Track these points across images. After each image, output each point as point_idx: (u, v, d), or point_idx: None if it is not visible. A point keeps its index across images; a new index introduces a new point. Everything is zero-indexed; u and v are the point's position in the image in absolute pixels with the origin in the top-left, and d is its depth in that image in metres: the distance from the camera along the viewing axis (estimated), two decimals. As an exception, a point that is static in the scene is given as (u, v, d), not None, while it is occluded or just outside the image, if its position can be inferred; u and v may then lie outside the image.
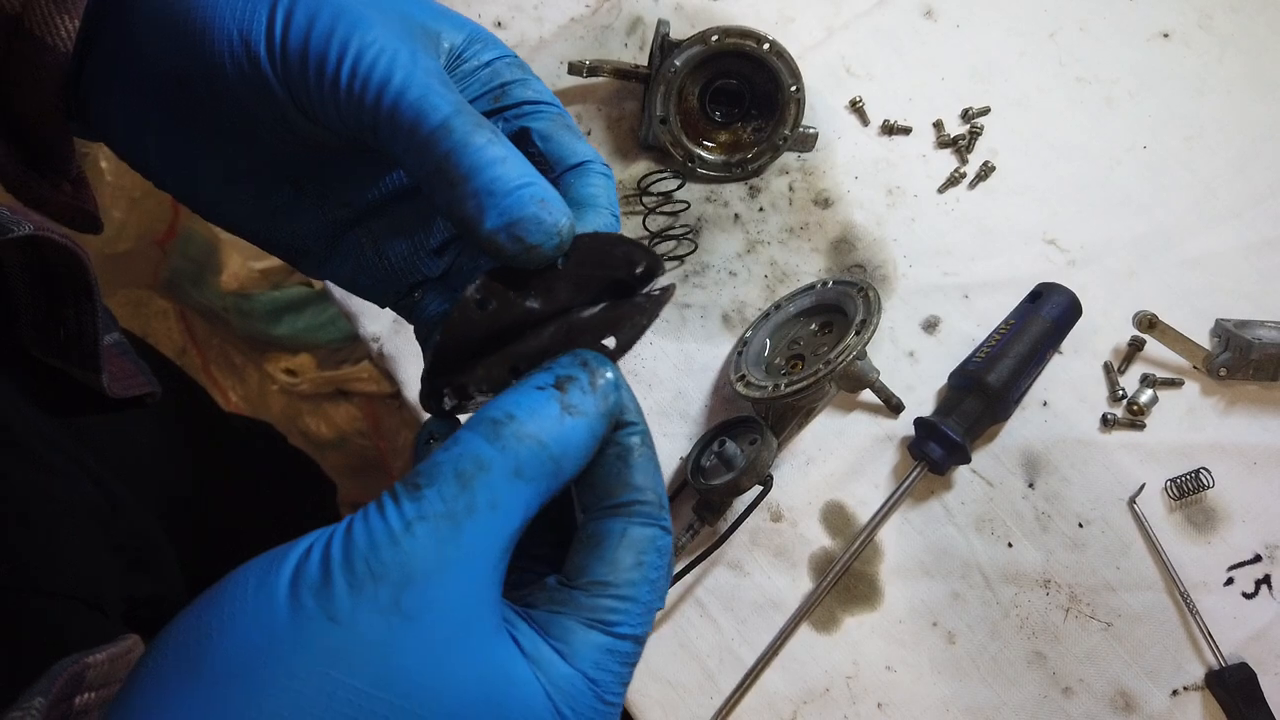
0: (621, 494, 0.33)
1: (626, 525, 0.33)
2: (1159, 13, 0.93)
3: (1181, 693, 0.75)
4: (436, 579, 0.28)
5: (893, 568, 0.77)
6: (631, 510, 0.33)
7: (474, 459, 0.29)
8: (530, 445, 0.30)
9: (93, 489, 0.69)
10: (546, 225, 0.34)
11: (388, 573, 0.27)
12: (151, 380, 0.67)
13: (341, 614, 0.27)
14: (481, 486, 0.29)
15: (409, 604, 0.27)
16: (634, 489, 0.34)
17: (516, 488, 0.30)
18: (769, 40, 0.81)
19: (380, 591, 0.27)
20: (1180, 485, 0.78)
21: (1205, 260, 0.86)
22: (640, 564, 0.33)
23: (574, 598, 0.32)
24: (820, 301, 0.80)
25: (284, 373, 1.62)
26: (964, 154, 0.89)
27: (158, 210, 1.58)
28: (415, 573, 0.28)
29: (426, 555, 0.28)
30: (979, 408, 0.77)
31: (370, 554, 0.28)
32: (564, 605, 0.32)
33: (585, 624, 0.31)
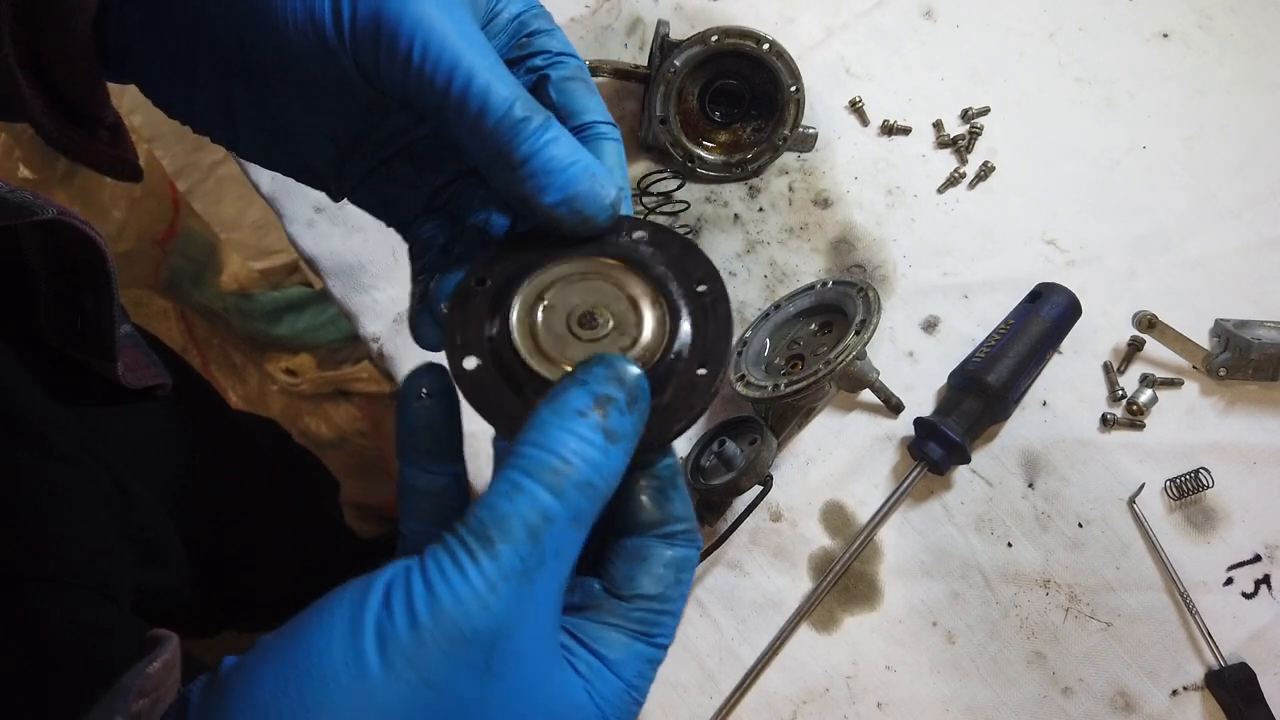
0: (665, 525, 0.36)
1: (670, 548, 0.36)
2: (1159, 13, 0.93)
3: (1181, 693, 0.75)
4: (517, 634, 0.30)
5: (892, 568, 0.77)
6: (675, 536, 0.36)
7: (541, 513, 0.30)
8: (587, 493, 0.31)
9: (106, 480, 0.70)
10: (600, 197, 0.37)
11: (479, 637, 0.29)
12: (163, 372, 0.68)
13: (438, 680, 0.28)
14: (549, 541, 0.30)
15: (497, 663, 0.29)
16: (676, 519, 0.37)
17: (575, 534, 0.31)
18: (769, 40, 0.81)
19: (473, 655, 0.29)
20: (1180, 485, 0.78)
21: (1205, 260, 0.86)
22: (679, 581, 0.36)
23: (621, 610, 0.35)
24: (820, 301, 0.81)
25: (284, 373, 1.62)
26: (964, 154, 0.89)
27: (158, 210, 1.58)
28: (500, 636, 0.29)
29: (510, 614, 0.29)
30: (979, 408, 0.77)
31: (460, 618, 0.29)
32: (612, 617, 0.35)
33: (631, 635, 0.35)
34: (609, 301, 0.38)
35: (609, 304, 0.38)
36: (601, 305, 0.37)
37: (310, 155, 0.43)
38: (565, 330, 0.37)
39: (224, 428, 1.05)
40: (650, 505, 0.36)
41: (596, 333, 0.37)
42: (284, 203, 0.86)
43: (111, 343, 0.60)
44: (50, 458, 0.65)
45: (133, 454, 0.76)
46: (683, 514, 0.37)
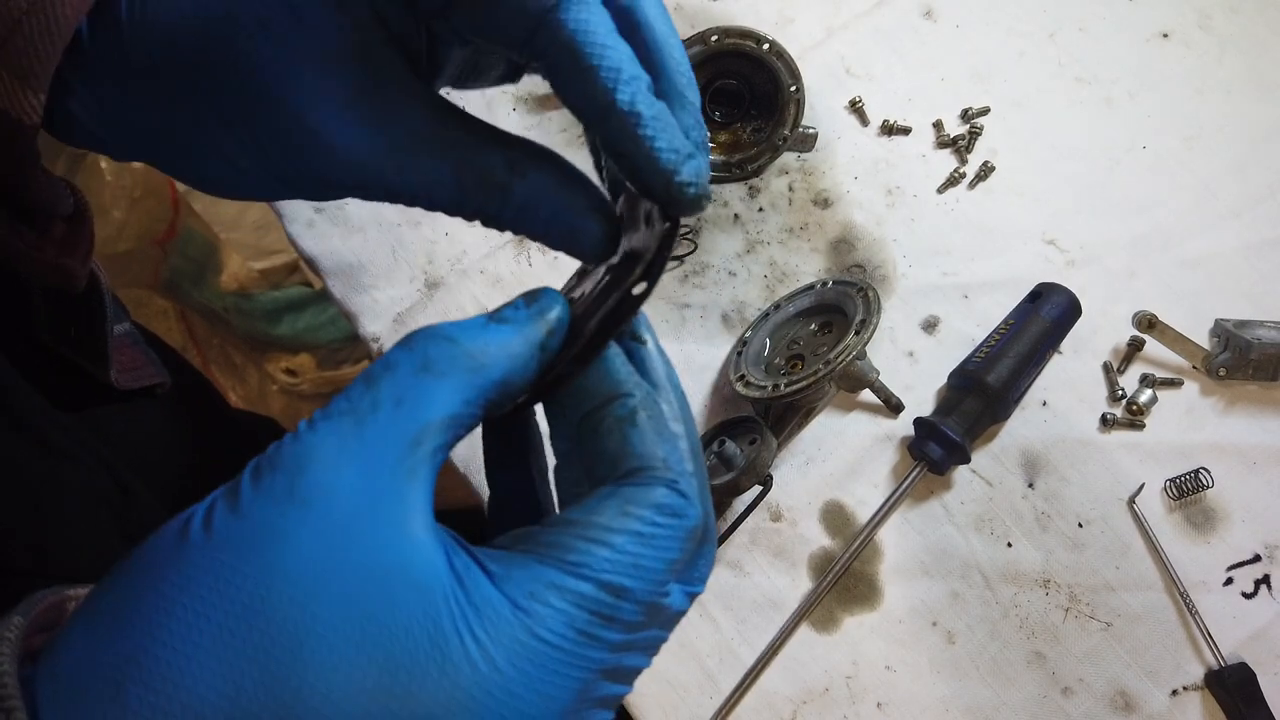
0: (622, 464, 0.32)
1: (620, 485, 0.31)
2: (1158, 13, 0.93)
3: (1181, 693, 0.75)
4: (334, 466, 0.28)
5: (892, 568, 0.77)
6: (634, 475, 0.31)
7: (381, 363, 0.30)
8: (440, 343, 0.30)
9: (106, 478, 0.70)
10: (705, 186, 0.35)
11: (284, 463, 0.28)
12: (161, 371, 0.68)
13: (243, 505, 0.27)
14: (386, 384, 0.29)
15: (303, 490, 0.27)
16: (635, 458, 0.31)
17: (424, 381, 0.29)
18: (768, 40, 0.81)
19: (275, 480, 0.27)
20: (1180, 485, 0.78)
21: (1205, 260, 0.86)
22: (626, 514, 0.30)
23: (535, 534, 0.30)
24: (820, 301, 0.81)
25: (284, 373, 1.62)
26: (964, 154, 0.89)
27: (158, 210, 1.58)
28: (312, 461, 0.28)
29: (326, 447, 0.28)
30: (978, 408, 0.77)
31: (274, 452, 0.28)
32: (522, 543, 0.30)
33: (537, 558, 0.29)
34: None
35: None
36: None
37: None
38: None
39: (224, 427, 1.05)
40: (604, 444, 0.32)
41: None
42: (284, 203, 0.86)
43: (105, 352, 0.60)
44: (50, 455, 0.65)
45: (133, 453, 0.76)
46: (646, 453, 0.32)
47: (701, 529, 0.32)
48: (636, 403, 0.33)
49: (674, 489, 0.31)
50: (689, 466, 0.32)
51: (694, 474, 0.32)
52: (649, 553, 0.30)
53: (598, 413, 0.33)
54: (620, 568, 0.29)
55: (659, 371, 0.35)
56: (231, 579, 0.26)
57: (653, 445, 0.32)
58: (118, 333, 0.64)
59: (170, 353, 0.96)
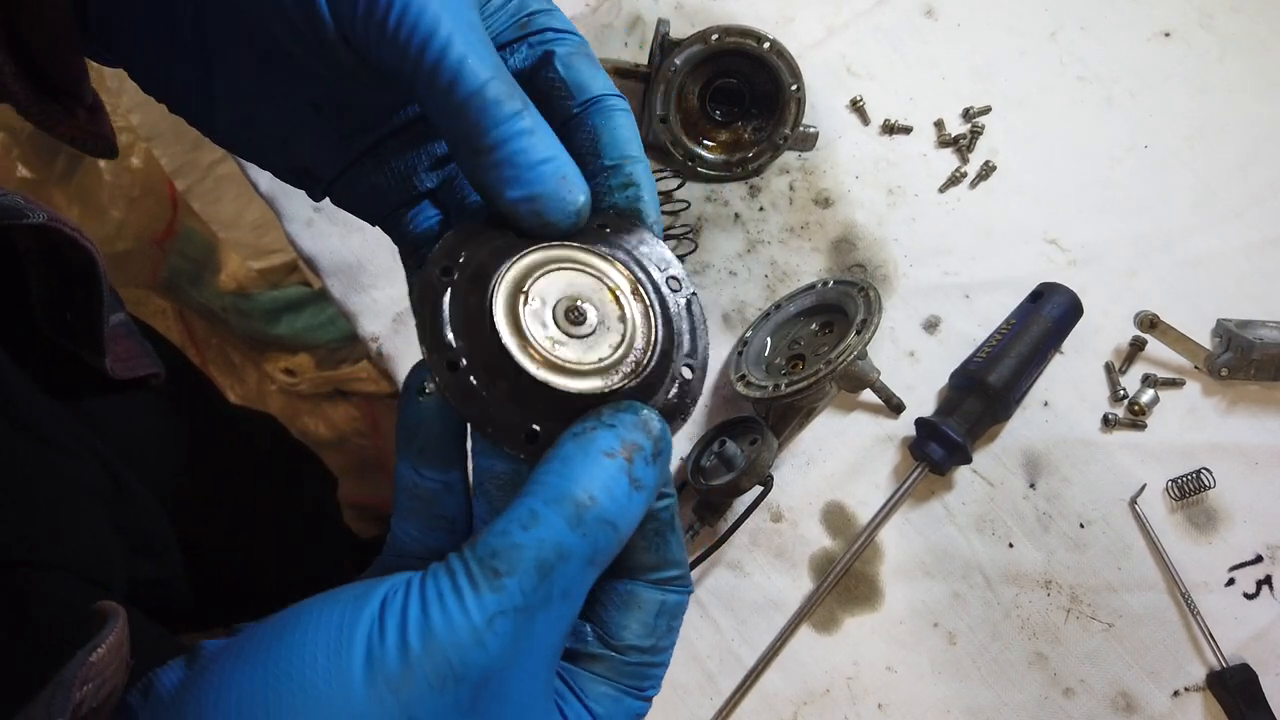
0: (660, 569, 0.35)
1: (664, 595, 0.35)
2: (1160, 12, 0.93)
3: (1183, 693, 0.75)
4: (510, 675, 0.28)
5: (893, 568, 0.77)
6: (670, 582, 0.35)
7: (556, 548, 0.29)
8: (607, 532, 0.30)
9: (99, 470, 0.69)
10: (566, 203, 0.35)
11: (469, 674, 0.27)
12: (156, 362, 0.68)
13: (419, 713, 0.27)
14: (560, 576, 0.29)
15: (484, 703, 0.28)
16: (671, 564, 0.35)
17: (587, 575, 0.30)
18: (769, 39, 0.81)
19: (461, 693, 0.27)
20: (1181, 486, 0.78)
21: (1206, 260, 0.85)
22: (671, 629, 0.35)
23: (614, 662, 0.34)
24: (821, 301, 0.80)
25: (283, 372, 1.62)
26: (965, 153, 0.88)
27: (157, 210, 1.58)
28: (492, 671, 0.28)
29: (505, 653, 0.28)
30: (980, 408, 0.77)
31: (452, 651, 0.27)
32: (603, 668, 0.34)
33: (620, 690, 0.34)
34: (589, 294, 0.36)
35: (590, 297, 0.36)
36: (584, 298, 0.35)
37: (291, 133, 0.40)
38: (554, 327, 0.35)
39: (221, 422, 1.05)
40: (646, 547, 0.35)
41: (584, 329, 0.35)
42: (283, 202, 0.86)
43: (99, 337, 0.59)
44: (44, 445, 0.65)
45: (128, 446, 0.76)
46: (679, 559, 0.36)
47: None
48: (675, 504, 0.36)
49: (689, 593, 0.36)
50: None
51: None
52: (674, 641, 0.36)
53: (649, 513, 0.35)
54: (662, 679, 0.36)
55: None
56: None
57: (680, 552, 0.36)
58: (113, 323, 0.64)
59: (168, 347, 0.96)
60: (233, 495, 0.98)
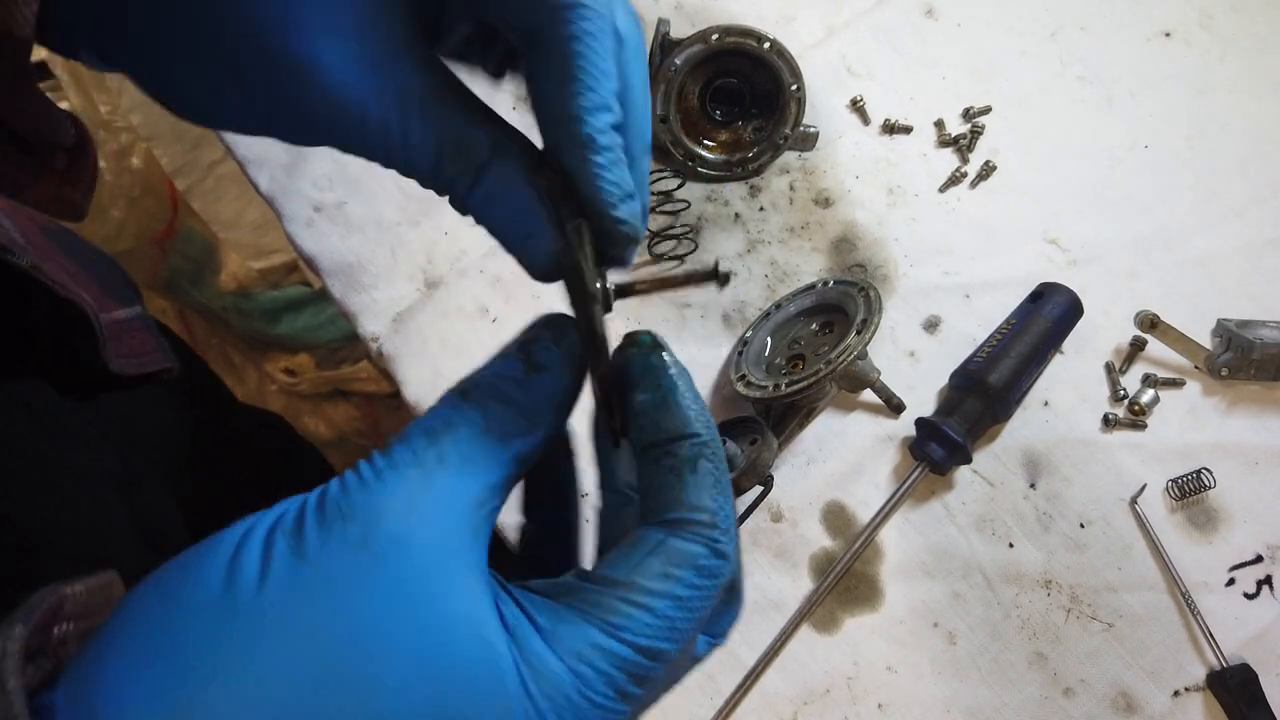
0: (672, 510, 0.32)
1: (667, 536, 0.31)
2: (1160, 12, 0.93)
3: (1183, 693, 0.75)
4: (404, 520, 0.28)
5: (893, 568, 0.77)
6: (680, 526, 0.31)
7: (441, 419, 0.30)
8: (497, 407, 0.31)
9: (114, 461, 0.69)
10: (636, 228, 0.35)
11: (355, 513, 0.28)
12: (170, 357, 0.67)
13: (310, 551, 0.27)
14: (450, 441, 0.30)
15: (376, 542, 0.28)
16: (686, 507, 0.32)
17: (486, 445, 0.30)
18: (769, 39, 0.81)
19: (349, 530, 0.28)
20: (1181, 486, 0.78)
21: (1207, 260, 0.85)
22: (668, 575, 0.30)
23: (580, 589, 0.30)
24: (821, 301, 0.80)
25: (283, 372, 1.62)
26: (965, 153, 0.88)
27: (156, 209, 1.58)
28: (384, 514, 0.28)
29: (395, 498, 0.28)
30: (980, 408, 0.77)
31: (341, 498, 0.28)
32: (566, 595, 0.30)
33: (583, 616, 0.29)
34: None
35: None
36: None
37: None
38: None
39: (230, 419, 1.05)
40: (659, 485, 0.32)
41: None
42: (283, 202, 0.86)
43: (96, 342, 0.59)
44: (60, 436, 0.65)
45: (140, 438, 0.76)
46: (698, 504, 0.32)
47: (731, 583, 0.33)
48: (702, 445, 0.33)
49: (715, 548, 0.31)
50: (731, 520, 0.32)
51: (734, 527, 0.33)
52: (684, 615, 0.31)
53: (663, 448, 0.33)
54: (659, 632, 0.30)
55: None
56: (300, 628, 0.26)
57: (706, 497, 0.32)
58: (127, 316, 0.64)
59: (179, 343, 0.96)
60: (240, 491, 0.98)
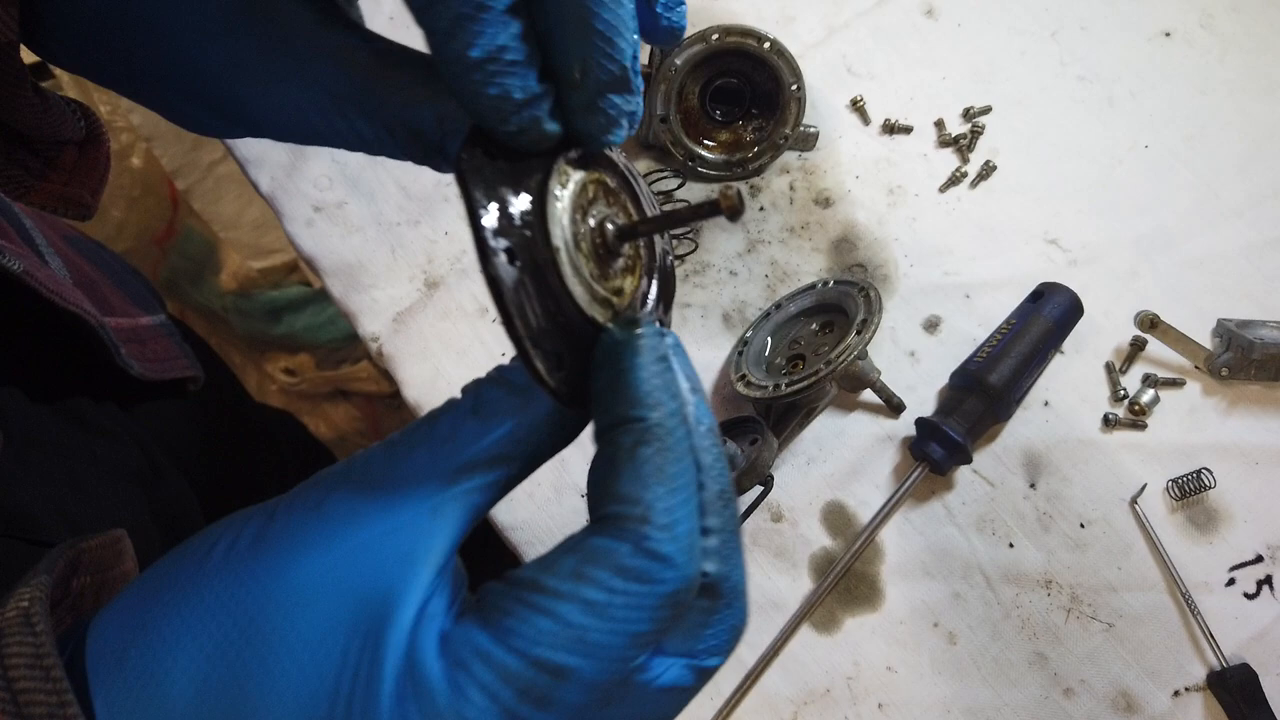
0: (602, 503, 0.27)
1: (589, 534, 0.27)
2: (1160, 12, 0.93)
3: (1183, 693, 0.75)
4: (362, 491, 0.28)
5: (894, 568, 0.77)
6: (606, 522, 0.27)
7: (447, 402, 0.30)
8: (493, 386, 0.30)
9: (138, 454, 0.70)
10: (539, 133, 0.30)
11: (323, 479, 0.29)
12: (194, 364, 0.67)
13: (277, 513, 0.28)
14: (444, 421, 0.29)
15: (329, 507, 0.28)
16: (614, 498, 0.27)
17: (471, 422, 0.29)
18: (770, 39, 0.81)
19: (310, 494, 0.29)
20: (1182, 485, 0.78)
21: (1207, 260, 0.85)
22: (579, 576, 0.26)
23: (490, 590, 0.27)
24: (821, 301, 0.80)
25: (283, 372, 1.62)
26: (965, 153, 0.88)
27: (156, 209, 1.58)
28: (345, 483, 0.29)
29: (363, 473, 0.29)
30: (980, 408, 0.77)
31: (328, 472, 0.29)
32: (485, 596, 0.27)
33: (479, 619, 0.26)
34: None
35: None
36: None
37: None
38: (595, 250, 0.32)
39: (246, 417, 1.06)
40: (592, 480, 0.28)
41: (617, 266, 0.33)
42: (283, 201, 0.86)
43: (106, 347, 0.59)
44: (84, 430, 0.65)
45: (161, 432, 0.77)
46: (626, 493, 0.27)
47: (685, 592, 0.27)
48: (645, 430, 0.28)
49: (644, 545, 0.26)
50: (679, 515, 0.27)
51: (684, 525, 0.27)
52: (601, 625, 0.26)
53: (606, 435, 0.29)
54: (560, 642, 0.25)
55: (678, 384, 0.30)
56: (239, 577, 0.26)
57: (638, 487, 0.27)
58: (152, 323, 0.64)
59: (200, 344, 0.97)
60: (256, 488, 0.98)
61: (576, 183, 0.32)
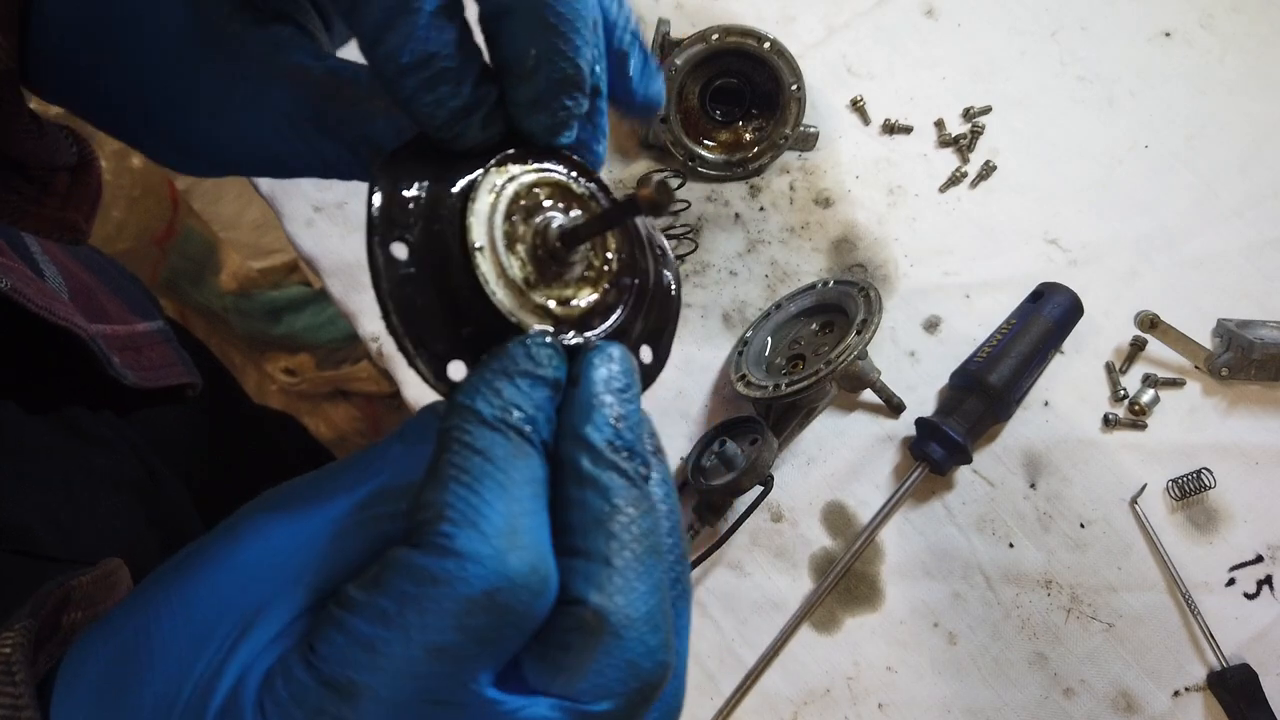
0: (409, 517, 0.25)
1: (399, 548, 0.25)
2: (1160, 12, 0.93)
3: (1183, 693, 0.75)
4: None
5: (894, 568, 0.77)
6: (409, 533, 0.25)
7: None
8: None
9: (135, 464, 0.69)
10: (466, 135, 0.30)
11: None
12: (192, 371, 0.67)
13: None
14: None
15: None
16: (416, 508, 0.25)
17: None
18: (770, 39, 0.81)
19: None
20: (1182, 485, 0.78)
21: (1207, 260, 0.85)
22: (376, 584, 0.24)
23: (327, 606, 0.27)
24: (821, 301, 0.80)
25: (283, 372, 1.62)
26: (965, 153, 0.88)
27: (157, 209, 1.58)
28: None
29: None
30: (980, 408, 0.77)
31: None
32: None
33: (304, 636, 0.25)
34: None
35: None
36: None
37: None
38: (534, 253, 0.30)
39: (247, 421, 1.06)
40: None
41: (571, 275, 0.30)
42: (283, 202, 0.86)
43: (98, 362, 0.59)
44: (81, 439, 0.65)
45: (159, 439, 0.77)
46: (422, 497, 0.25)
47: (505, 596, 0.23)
48: (448, 434, 0.25)
49: (434, 544, 0.23)
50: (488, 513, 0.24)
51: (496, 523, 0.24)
52: (391, 635, 0.23)
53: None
54: (350, 658, 0.23)
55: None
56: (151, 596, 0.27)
57: (437, 491, 0.24)
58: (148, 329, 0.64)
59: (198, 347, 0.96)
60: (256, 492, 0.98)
61: (521, 184, 0.30)
